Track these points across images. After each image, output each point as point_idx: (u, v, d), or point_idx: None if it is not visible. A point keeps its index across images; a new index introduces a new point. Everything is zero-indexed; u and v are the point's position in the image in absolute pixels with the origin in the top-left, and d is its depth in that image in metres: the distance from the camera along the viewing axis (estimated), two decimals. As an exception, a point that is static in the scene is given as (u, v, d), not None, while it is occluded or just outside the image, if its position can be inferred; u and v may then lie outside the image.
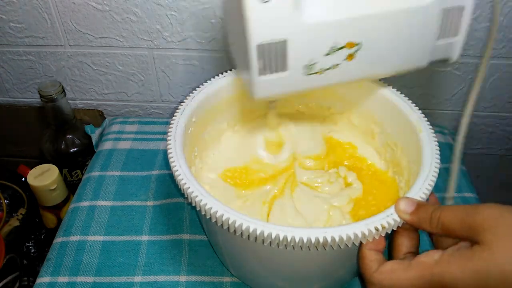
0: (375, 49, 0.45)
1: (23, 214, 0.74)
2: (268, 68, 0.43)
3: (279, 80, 0.44)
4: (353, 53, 0.44)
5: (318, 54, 0.43)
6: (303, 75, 0.44)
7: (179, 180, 0.43)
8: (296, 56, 0.43)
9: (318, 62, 0.44)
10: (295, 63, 0.43)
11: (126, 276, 0.53)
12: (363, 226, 0.38)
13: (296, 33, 0.41)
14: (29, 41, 0.74)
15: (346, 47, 0.43)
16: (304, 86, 0.46)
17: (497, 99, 0.77)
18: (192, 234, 0.58)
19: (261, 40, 0.41)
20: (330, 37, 0.42)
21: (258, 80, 0.43)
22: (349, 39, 0.43)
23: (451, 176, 0.47)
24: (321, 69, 0.44)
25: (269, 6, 0.39)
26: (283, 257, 0.43)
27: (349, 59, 0.44)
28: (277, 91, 0.45)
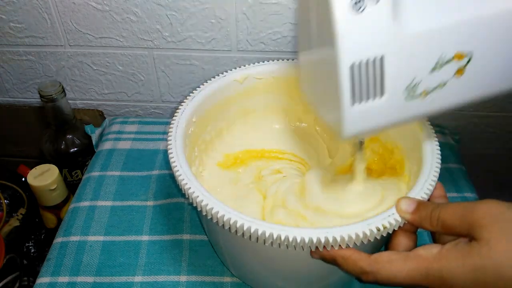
0: (488, 61, 0.37)
1: (23, 214, 0.74)
2: (362, 95, 0.35)
3: (375, 109, 0.36)
4: (463, 67, 0.36)
5: (423, 70, 0.36)
6: (404, 100, 0.36)
7: (179, 180, 0.43)
8: (396, 75, 0.35)
9: (422, 81, 0.36)
10: (395, 84, 0.35)
11: (126, 276, 0.53)
12: (364, 226, 0.38)
13: (395, 46, 0.34)
14: (29, 41, 0.74)
15: (455, 59, 0.36)
16: (404, 115, 0.38)
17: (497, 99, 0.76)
18: (192, 234, 0.58)
19: (355, 58, 0.33)
20: (436, 47, 0.35)
21: (351, 111, 0.35)
22: (458, 48, 0.35)
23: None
24: (426, 91, 0.36)
25: (363, 17, 0.32)
26: (284, 257, 0.43)
27: (458, 75, 0.36)
28: (372, 124, 0.37)
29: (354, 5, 0.32)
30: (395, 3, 0.33)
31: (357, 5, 0.32)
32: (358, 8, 0.32)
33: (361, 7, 0.32)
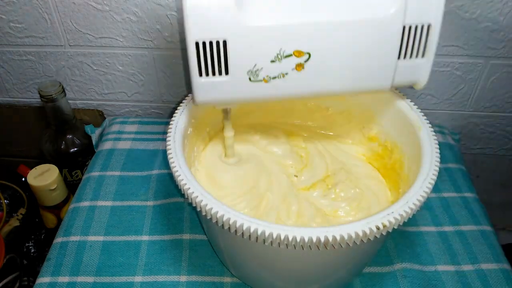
0: (327, 62, 0.42)
1: (23, 214, 0.74)
2: (208, 70, 0.41)
3: (221, 84, 0.42)
4: (302, 63, 0.41)
5: (263, 59, 0.41)
6: (247, 81, 0.42)
7: (179, 180, 0.43)
8: (238, 59, 0.41)
9: (263, 68, 0.41)
10: (237, 66, 0.41)
11: (126, 276, 0.53)
12: (364, 225, 0.38)
13: (237, 34, 0.40)
14: (29, 41, 0.74)
15: (294, 55, 0.41)
16: (249, 94, 0.43)
17: (497, 99, 0.76)
18: (192, 234, 0.58)
19: (199, 37, 0.39)
20: (275, 42, 0.40)
21: (198, 82, 0.42)
22: (297, 47, 0.41)
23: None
24: (268, 77, 0.42)
25: (208, 3, 0.38)
26: (284, 257, 0.43)
27: (299, 69, 0.42)
28: (220, 96, 0.43)
29: None
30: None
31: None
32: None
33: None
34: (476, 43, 0.69)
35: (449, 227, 0.60)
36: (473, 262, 0.56)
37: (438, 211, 0.62)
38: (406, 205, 0.40)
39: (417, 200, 0.40)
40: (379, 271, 0.54)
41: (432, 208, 0.62)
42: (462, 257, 0.56)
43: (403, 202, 0.40)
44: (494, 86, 0.74)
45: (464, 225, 0.60)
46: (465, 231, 0.59)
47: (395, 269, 0.54)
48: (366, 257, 0.50)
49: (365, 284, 0.53)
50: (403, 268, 0.54)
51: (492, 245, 0.58)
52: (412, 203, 0.40)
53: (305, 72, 0.42)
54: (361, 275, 0.54)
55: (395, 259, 0.55)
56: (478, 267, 0.55)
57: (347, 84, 0.44)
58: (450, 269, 0.55)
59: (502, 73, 0.72)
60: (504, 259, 0.57)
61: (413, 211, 0.40)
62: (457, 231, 0.59)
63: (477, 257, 0.56)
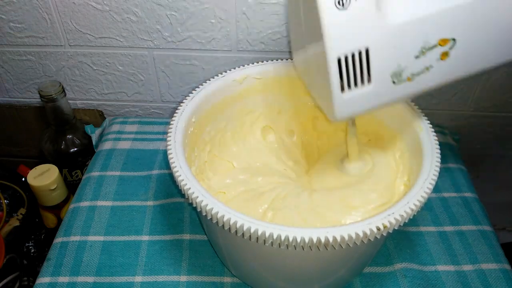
0: (473, 42, 0.39)
1: (23, 214, 0.74)
2: (350, 83, 0.38)
3: (364, 95, 0.39)
4: (447, 51, 0.38)
5: (407, 57, 0.38)
6: (391, 85, 0.39)
7: (179, 180, 0.43)
8: (381, 64, 0.38)
9: (407, 67, 0.38)
10: (381, 72, 0.38)
11: (126, 276, 0.53)
12: (364, 225, 0.38)
13: (379, 38, 0.36)
14: (29, 41, 0.74)
15: (439, 45, 0.38)
16: (392, 97, 0.40)
17: (497, 99, 0.76)
18: (192, 234, 0.58)
19: (341, 51, 0.36)
20: (419, 36, 0.37)
21: (340, 98, 0.38)
22: (441, 35, 0.37)
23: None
24: (412, 75, 0.39)
25: (348, 12, 0.34)
26: (284, 257, 0.43)
27: (443, 58, 0.38)
28: (362, 107, 0.40)
29: (338, 2, 0.34)
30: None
31: (341, 2, 0.34)
32: (342, 4, 0.34)
33: (344, 3, 0.34)
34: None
35: (449, 227, 0.60)
36: (473, 262, 0.56)
37: (438, 211, 0.62)
38: (407, 206, 0.40)
39: (417, 200, 0.40)
40: (379, 271, 0.54)
41: (432, 208, 0.62)
42: (462, 257, 0.56)
43: (403, 203, 0.40)
44: (494, 86, 0.74)
45: (464, 225, 0.60)
46: (465, 231, 0.59)
47: (395, 269, 0.54)
48: (366, 257, 0.50)
49: (365, 284, 0.53)
50: (403, 268, 0.54)
51: (492, 245, 0.58)
52: (413, 204, 0.40)
53: (451, 59, 0.39)
54: (361, 275, 0.54)
55: (395, 259, 0.55)
56: (478, 267, 0.55)
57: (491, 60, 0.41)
58: (450, 269, 0.55)
59: (502, 73, 0.72)
60: (504, 259, 0.57)
61: (413, 211, 0.40)
62: (457, 231, 0.59)
63: (477, 257, 0.56)
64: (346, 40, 0.36)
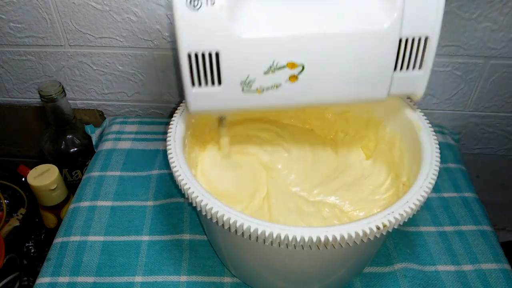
0: (321, 73, 0.41)
1: (23, 214, 0.74)
2: (201, 80, 0.41)
3: (213, 94, 0.42)
4: (296, 74, 0.41)
5: (256, 71, 0.41)
6: (240, 92, 0.42)
7: (179, 180, 0.43)
8: (231, 70, 0.40)
9: (256, 79, 0.41)
10: (230, 77, 0.41)
11: (126, 276, 0.53)
12: (364, 224, 0.38)
13: (230, 46, 0.39)
14: (29, 41, 0.74)
15: (288, 67, 0.40)
16: (242, 104, 0.43)
17: (497, 99, 0.76)
18: (192, 234, 0.58)
19: (191, 48, 0.39)
20: (268, 54, 0.40)
21: (191, 92, 0.42)
22: (290, 59, 0.40)
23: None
24: (261, 88, 0.41)
25: (200, 14, 0.37)
26: (284, 257, 0.43)
27: (292, 80, 0.41)
28: (213, 106, 0.43)
29: (189, 3, 0.37)
30: (234, 9, 0.38)
31: (193, 3, 0.37)
32: (194, 6, 0.37)
33: (196, 6, 0.37)
34: (476, 43, 0.69)
35: (449, 227, 0.60)
36: (473, 262, 0.56)
37: (438, 211, 0.62)
38: (406, 205, 0.40)
39: (417, 200, 0.40)
40: (379, 271, 0.54)
41: (432, 208, 0.62)
42: (462, 257, 0.56)
43: (403, 202, 0.40)
44: (494, 86, 0.74)
45: (464, 225, 0.60)
46: (465, 231, 0.59)
47: (395, 269, 0.54)
48: (366, 257, 0.50)
49: (365, 284, 0.53)
50: (403, 268, 0.54)
51: (492, 245, 0.58)
52: (412, 203, 0.40)
53: (299, 83, 0.41)
54: (361, 275, 0.54)
55: (395, 259, 0.55)
56: (478, 267, 0.55)
57: (342, 95, 0.44)
58: (450, 269, 0.55)
59: (502, 73, 0.72)
60: (504, 259, 0.57)
61: (413, 211, 0.40)
62: (457, 231, 0.59)
63: (477, 257, 0.56)
64: (196, 40, 0.38)
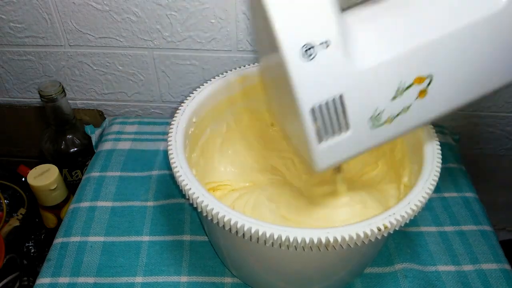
0: (451, 78, 0.37)
1: (23, 214, 0.74)
2: (327, 132, 0.36)
3: (342, 142, 0.37)
4: (425, 88, 0.37)
5: (384, 100, 0.36)
6: (370, 129, 0.37)
7: (180, 181, 0.43)
8: (358, 110, 0.36)
9: (385, 109, 0.36)
10: (358, 118, 0.36)
11: (127, 276, 0.53)
12: (366, 226, 0.38)
13: (352, 84, 0.35)
14: (29, 41, 0.74)
15: (415, 84, 0.36)
16: (373, 142, 0.38)
17: (497, 99, 0.77)
18: (193, 235, 0.58)
19: (314, 102, 0.34)
20: (393, 77, 0.36)
21: (318, 149, 0.37)
22: (417, 73, 0.36)
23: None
24: (391, 117, 0.37)
25: (316, 63, 0.33)
26: (285, 258, 0.43)
27: (422, 96, 0.37)
28: (343, 155, 0.38)
29: (304, 53, 0.32)
30: (346, 42, 0.33)
31: (308, 53, 0.33)
32: (309, 56, 0.33)
33: (311, 55, 0.33)
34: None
35: (450, 227, 0.60)
36: (473, 262, 0.56)
37: (438, 211, 0.62)
38: (408, 206, 0.39)
39: (418, 201, 0.40)
40: (380, 272, 0.54)
41: (432, 208, 0.62)
42: (462, 257, 0.56)
43: (405, 203, 0.40)
44: (494, 86, 0.74)
45: (465, 225, 0.60)
46: (465, 231, 0.59)
47: (396, 269, 0.54)
48: (367, 258, 0.50)
49: (366, 284, 0.53)
50: (404, 268, 0.54)
51: (493, 245, 0.58)
52: (414, 204, 0.40)
53: (429, 96, 0.37)
54: (362, 275, 0.54)
55: (395, 259, 0.55)
56: (478, 267, 0.55)
57: (473, 92, 0.40)
58: (451, 269, 0.55)
59: (502, 73, 0.72)
60: (505, 259, 0.57)
61: (415, 212, 0.39)
62: (457, 231, 0.59)
63: (478, 257, 0.56)
64: (317, 90, 0.34)
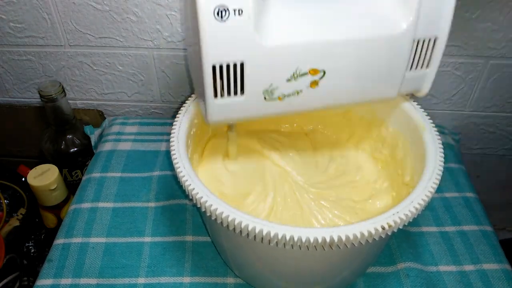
0: (341, 77, 0.43)
1: (23, 214, 0.74)
2: (224, 91, 0.40)
3: (235, 104, 0.42)
4: (317, 80, 0.42)
5: (279, 79, 0.41)
6: (262, 100, 0.42)
7: (183, 181, 0.42)
8: (254, 80, 0.40)
9: (278, 87, 0.41)
10: (253, 87, 0.41)
11: (129, 277, 0.53)
12: (369, 225, 0.38)
13: (255, 55, 0.39)
14: (29, 41, 0.74)
15: (310, 74, 0.41)
16: (263, 112, 0.43)
17: (497, 99, 0.77)
18: (195, 236, 0.58)
19: (216, 60, 0.38)
20: (292, 62, 0.40)
21: (213, 103, 0.41)
22: (313, 65, 0.41)
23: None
24: (282, 95, 0.42)
25: (226, 25, 0.37)
26: (288, 258, 0.43)
27: (313, 86, 0.42)
28: (233, 115, 0.43)
29: (217, 14, 0.36)
30: (259, 17, 0.38)
31: (220, 15, 0.36)
32: (221, 17, 0.36)
33: (223, 16, 0.36)
34: (476, 43, 0.69)
35: (451, 227, 0.60)
36: (474, 262, 0.56)
37: (440, 211, 0.62)
38: (411, 205, 0.40)
39: (422, 200, 0.40)
40: (382, 271, 0.54)
41: (434, 208, 0.62)
42: (463, 257, 0.56)
43: (407, 202, 0.40)
44: (494, 86, 0.75)
45: (466, 225, 0.60)
46: (466, 231, 0.59)
47: (398, 268, 0.54)
48: (370, 257, 0.50)
49: (368, 284, 0.53)
50: (406, 268, 0.54)
51: (494, 245, 0.58)
52: (417, 203, 0.40)
53: (319, 88, 0.42)
54: (364, 275, 0.54)
55: (398, 258, 0.55)
56: (479, 267, 0.55)
57: (357, 96, 0.45)
58: (452, 269, 0.55)
59: (502, 73, 0.73)
60: (505, 260, 0.57)
61: (418, 211, 0.40)
62: (458, 231, 0.59)
63: (479, 257, 0.56)
64: (221, 51, 0.38)
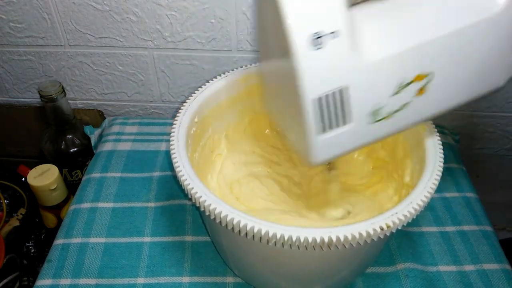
0: (448, 77, 0.38)
1: (23, 214, 0.74)
2: (327, 125, 0.36)
3: (343, 135, 0.37)
4: (424, 86, 0.37)
5: (384, 95, 0.36)
6: (369, 124, 0.37)
7: (182, 181, 0.42)
8: (359, 103, 0.36)
9: (385, 105, 0.37)
10: (359, 112, 0.36)
11: (128, 278, 0.53)
12: (368, 225, 0.38)
13: (358, 76, 0.35)
14: (29, 41, 0.74)
15: (416, 81, 0.37)
16: (370, 138, 0.39)
17: (497, 99, 0.77)
18: (194, 236, 0.58)
19: (317, 93, 0.34)
20: (397, 73, 0.36)
21: (317, 141, 0.36)
22: (418, 70, 0.37)
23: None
24: (389, 113, 0.37)
25: (324, 52, 0.33)
26: (287, 257, 0.43)
27: (421, 94, 0.38)
28: (340, 149, 0.38)
29: (312, 41, 0.32)
30: (353, 35, 0.34)
31: (316, 42, 0.32)
32: (317, 45, 0.32)
33: (319, 44, 0.32)
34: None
35: (451, 227, 0.60)
36: (474, 262, 0.56)
37: (440, 211, 0.62)
38: (410, 206, 0.40)
39: (421, 200, 0.40)
40: (381, 271, 0.54)
41: (434, 208, 0.62)
42: (464, 257, 0.56)
43: (407, 203, 0.40)
44: (494, 86, 0.74)
45: (466, 225, 0.60)
46: (466, 231, 0.59)
47: (398, 269, 0.54)
48: (369, 257, 0.50)
49: (367, 284, 0.53)
50: (406, 268, 0.54)
51: (494, 245, 0.58)
52: (416, 204, 0.40)
53: (427, 95, 0.38)
54: (363, 275, 0.54)
55: (397, 259, 0.55)
56: (480, 267, 0.55)
57: (467, 94, 0.41)
58: (452, 269, 0.55)
59: (503, 73, 0.72)
60: (505, 260, 0.57)
61: (417, 211, 0.40)
62: (458, 231, 0.59)
63: (479, 257, 0.56)
64: (322, 80, 0.34)
